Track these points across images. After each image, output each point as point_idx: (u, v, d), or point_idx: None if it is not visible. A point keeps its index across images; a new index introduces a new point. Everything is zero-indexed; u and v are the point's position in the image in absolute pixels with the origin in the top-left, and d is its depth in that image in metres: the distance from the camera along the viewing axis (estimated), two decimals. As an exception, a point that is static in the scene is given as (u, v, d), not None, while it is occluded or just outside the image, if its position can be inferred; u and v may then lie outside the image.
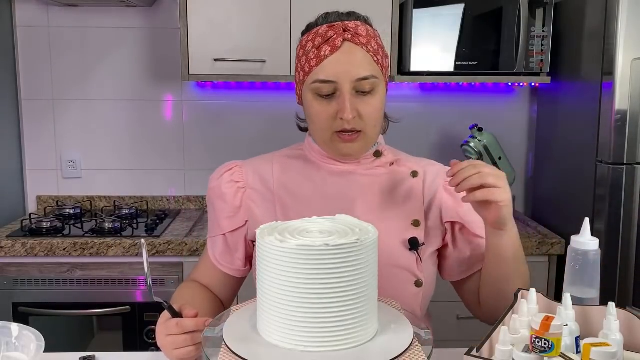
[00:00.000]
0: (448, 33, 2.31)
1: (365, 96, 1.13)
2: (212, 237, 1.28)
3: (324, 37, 1.13)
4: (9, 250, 2.14)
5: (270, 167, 1.26)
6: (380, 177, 1.22)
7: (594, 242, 0.99)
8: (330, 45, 1.12)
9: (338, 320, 0.82)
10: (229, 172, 1.26)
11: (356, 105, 1.13)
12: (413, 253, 1.17)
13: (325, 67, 1.12)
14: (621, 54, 1.98)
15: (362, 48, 1.13)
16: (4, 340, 1.01)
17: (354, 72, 1.11)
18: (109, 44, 2.62)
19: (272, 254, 0.83)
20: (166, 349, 1.02)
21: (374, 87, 1.14)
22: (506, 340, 0.83)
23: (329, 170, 1.22)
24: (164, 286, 2.17)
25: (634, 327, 0.92)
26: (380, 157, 1.23)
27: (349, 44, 1.12)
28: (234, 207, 1.24)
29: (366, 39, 1.13)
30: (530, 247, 2.22)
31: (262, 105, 2.66)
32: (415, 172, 1.23)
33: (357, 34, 1.13)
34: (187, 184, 2.72)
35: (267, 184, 1.24)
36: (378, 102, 1.15)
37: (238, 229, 1.24)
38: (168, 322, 1.02)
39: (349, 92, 1.12)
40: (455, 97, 2.69)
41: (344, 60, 1.11)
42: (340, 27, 1.13)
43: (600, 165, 2.08)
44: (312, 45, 1.14)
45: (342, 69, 1.11)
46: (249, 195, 1.24)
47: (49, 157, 2.68)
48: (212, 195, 1.27)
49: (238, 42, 2.30)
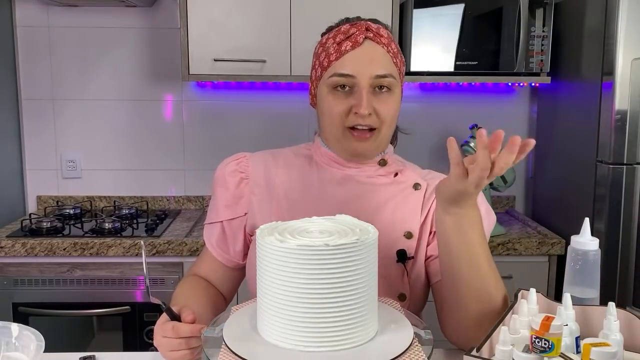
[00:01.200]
0: (448, 33, 2.31)
1: (383, 94, 1.14)
2: (209, 224, 1.27)
3: (345, 33, 1.14)
4: (9, 250, 2.14)
5: (276, 163, 1.26)
6: (380, 186, 1.21)
7: (594, 242, 0.99)
8: (352, 40, 1.13)
9: (338, 320, 0.82)
10: (236, 161, 1.27)
11: (373, 103, 1.13)
12: (399, 265, 1.15)
13: (346, 61, 1.13)
14: (621, 54, 1.98)
15: (383, 47, 1.14)
16: (4, 340, 1.01)
17: (373, 68, 1.12)
18: (109, 44, 2.62)
19: (272, 253, 0.83)
20: (161, 350, 1.02)
21: (391, 87, 1.14)
22: (506, 340, 0.83)
23: (330, 174, 1.22)
24: (164, 286, 2.17)
25: (634, 327, 0.92)
26: (385, 166, 1.22)
27: (370, 42, 1.13)
28: (234, 197, 1.24)
29: (387, 40, 1.15)
30: (530, 247, 2.22)
31: (262, 105, 2.66)
32: (418, 185, 1.21)
33: (379, 34, 1.14)
34: (187, 183, 2.72)
35: (270, 179, 1.24)
36: (395, 103, 1.15)
37: (236, 219, 1.24)
38: (165, 325, 1.01)
39: (367, 88, 1.12)
40: (455, 97, 2.69)
41: (364, 56, 1.13)
42: (362, 26, 1.15)
43: (600, 165, 2.08)
44: (333, 42, 1.15)
45: (362, 65, 1.12)
46: (251, 188, 1.24)
47: (49, 157, 2.68)
48: (215, 183, 1.28)
49: (238, 42, 2.30)
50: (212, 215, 1.27)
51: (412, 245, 1.17)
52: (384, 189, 1.21)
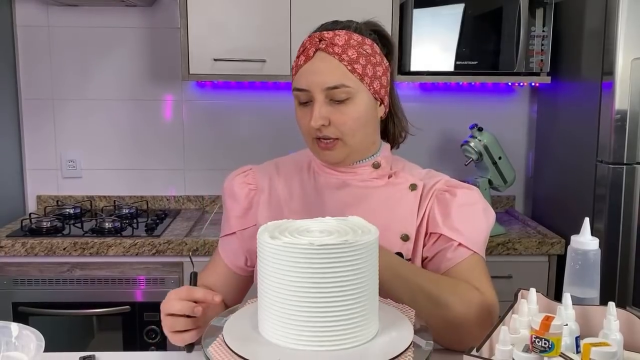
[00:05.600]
0: (448, 33, 2.31)
1: (340, 105, 1.14)
2: (223, 237, 1.30)
3: (303, 47, 1.17)
4: (9, 250, 2.14)
5: (278, 173, 1.29)
6: (375, 190, 1.21)
7: (594, 242, 0.99)
8: (305, 55, 1.15)
9: (334, 320, 0.82)
10: (243, 174, 1.30)
11: (328, 114, 1.14)
12: None
13: (300, 75, 1.16)
14: (621, 53, 1.98)
15: (334, 57, 1.13)
16: (4, 339, 1.01)
17: (324, 80, 1.13)
18: (108, 44, 2.62)
19: (267, 252, 0.84)
20: (165, 328, 1.06)
21: (349, 96, 1.14)
22: (506, 340, 0.83)
23: (326, 180, 1.23)
24: (164, 286, 2.17)
25: (633, 326, 0.92)
26: (379, 169, 1.23)
27: (322, 53, 1.14)
28: (244, 207, 1.26)
29: (342, 49, 1.13)
30: (530, 247, 2.22)
31: (262, 105, 2.66)
32: (414, 185, 1.21)
33: (332, 44, 1.13)
34: (187, 183, 2.72)
35: (273, 190, 1.26)
36: (354, 112, 1.14)
37: (248, 229, 1.26)
38: (180, 288, 1.06)
39: (321, 101, 1.14)
40: (455, 97, 2.69)
41: (314, 69, 1.14)
42: (316, 38, 1.15)
43: (600, 165, 2.08)
44: (297, 55, 1.19)
45: (312, 78, 1.14)
46: (259, 199, 1.26)
47: (48, 157, 2.68)
48: (224, 195, 1.31)
49: (238, 41, 2.30)
50: (225, 228, 1.30)
51: (409, 247, 1.17)
52: (379, 191, 1.21)
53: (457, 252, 1.14)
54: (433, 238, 1.18)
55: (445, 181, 1.22)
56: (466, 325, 1.05)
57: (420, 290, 1.05)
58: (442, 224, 1.16)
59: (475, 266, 1.14)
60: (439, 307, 1.05)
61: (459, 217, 1.16)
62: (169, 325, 1.05)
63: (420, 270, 1.11)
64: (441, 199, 1.19)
